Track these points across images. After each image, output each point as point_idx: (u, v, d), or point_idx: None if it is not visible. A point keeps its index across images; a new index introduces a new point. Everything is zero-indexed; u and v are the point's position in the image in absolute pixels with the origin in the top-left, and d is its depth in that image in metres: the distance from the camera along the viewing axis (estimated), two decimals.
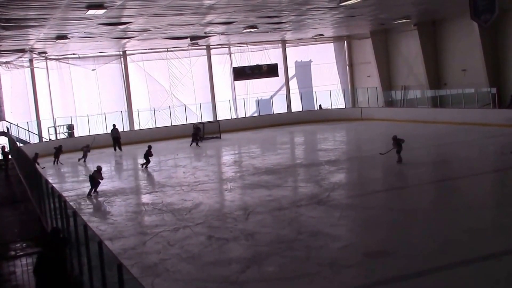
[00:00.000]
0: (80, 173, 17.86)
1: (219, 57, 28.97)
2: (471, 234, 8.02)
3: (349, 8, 17.57)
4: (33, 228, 10.03)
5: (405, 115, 24.86)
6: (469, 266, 6.79)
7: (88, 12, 13.64)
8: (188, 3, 14.03)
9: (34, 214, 10.56)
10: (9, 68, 23.83)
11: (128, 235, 9.54)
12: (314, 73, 30.95)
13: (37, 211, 10.23)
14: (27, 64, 25.04)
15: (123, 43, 23.22)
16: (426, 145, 17.43)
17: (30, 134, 24.54)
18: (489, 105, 21.28)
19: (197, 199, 11.93)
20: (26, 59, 24.54)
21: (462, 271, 6.67)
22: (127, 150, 22.79)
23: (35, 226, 9.94)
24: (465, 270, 6.72)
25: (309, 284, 6.69)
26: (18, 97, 24.51)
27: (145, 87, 27.60)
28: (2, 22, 13.91)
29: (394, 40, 27.92)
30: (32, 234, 9.68)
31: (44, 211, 9.34)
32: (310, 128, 25.29)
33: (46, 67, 25.49)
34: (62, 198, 7.31)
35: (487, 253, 7.15)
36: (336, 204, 10.56)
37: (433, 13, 22.80)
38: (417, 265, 6.92)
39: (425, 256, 7.24)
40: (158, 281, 7.12)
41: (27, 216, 11.12)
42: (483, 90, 21.76)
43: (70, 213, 6.47)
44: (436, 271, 6.66)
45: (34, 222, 10.14)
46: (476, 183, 11.80)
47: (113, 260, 4.30)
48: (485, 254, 7.09)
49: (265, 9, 16.56)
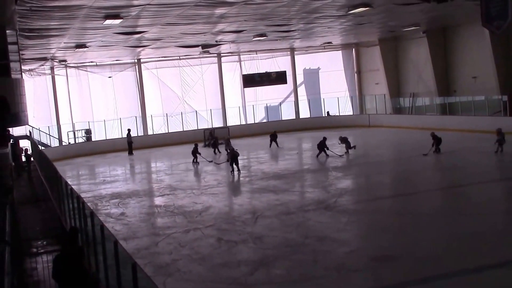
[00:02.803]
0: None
1: (229, 64, 29.42)
2: (478, 240, 8.04)
3: (358, 16, 17.75)
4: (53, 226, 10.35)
5: (413, 122, 24.82)
6: (477, 272, 6.77)
7: (105, 22, 14.18)
8: (200, 12, 14.47)
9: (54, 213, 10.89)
10: (32, 75, 24.71)
11: (141, 235, 9.86)
12: (322, 80, 31.18)
13: (57, 211, 10.56)
14: (49, 71, 25.97)
15: (138, 52, 23.83)
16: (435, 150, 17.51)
17: (51, 138, 25.40)
18: (500, 113, 21.01)
19: (207, 202, 12.22)
20: (48, 67, 25.47)
21: (470, 277, 6.68)
22: (141, 154, 23.26)
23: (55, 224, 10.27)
24: (473, 276, 6.71)
25: (316, 287, 6.79)
26: (40, 103, 25.32)
27: (158, 93, 28.23)
28: (25, 32, 14.48)
29: (403, 47, 27.96)
30: (53, 232, 10.01)
31: (64, 211, 9.59)
32: (318, 135, 25.40)
33: (66, 75, 26.39)
34: (81, 199, 7.51)
35: (494, 259, 7.15)
36: (343, 209, 10.66)
37: (442, 20, 22.68)
38: (423, 270, 6.95)
39: (432, 261, 7.24)
40: (169, 281, 7.35)
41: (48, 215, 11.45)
42: (494, 98, 21.53)
43: (88, 213, 6.68)
44: (443, 277, 6.68)
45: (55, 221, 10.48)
46: (485, 190, 11.77)
47: (128, 259, 4.39)
48: (493, 261, 7.10)
49: (274, 17, 16.89)
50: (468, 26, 22.89)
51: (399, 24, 22.03)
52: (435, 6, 12.86)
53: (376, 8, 16.24)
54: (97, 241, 6.16)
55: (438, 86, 25.28)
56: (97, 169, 20.06)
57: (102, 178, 17.91)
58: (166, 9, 13.53)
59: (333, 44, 29.20)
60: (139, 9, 13.19)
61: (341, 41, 28.96)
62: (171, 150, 22.35)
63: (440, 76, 25.34)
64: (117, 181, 17.06)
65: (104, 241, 5.69)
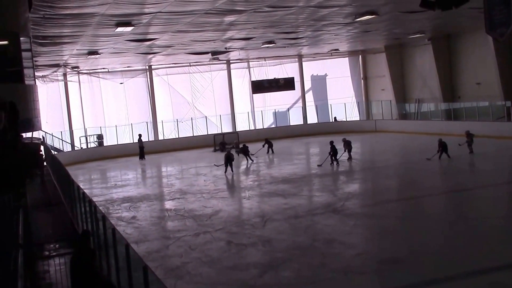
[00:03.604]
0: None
1: (238, 71, 29.72)
2: (485, 244, 8.07)
3: (364, 23, 17.95)
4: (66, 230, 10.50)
5: (418, 127, 24.90)
6: (484, 275, 6.78)
7: (117, 30, 14.45)
8: (210, 20, 14.70)
9: (66, 217, 11.05)
10: (45, 81, 25.15)
11: (152, 238, 9.99)
12: (330, 87, 31.34)
13: (69, 214, 10.74)
14: (61, 78, 26.43)
15: (148, 58, 24.17)
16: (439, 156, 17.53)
17: (63, 143, 25.84)
18: (503, 118, 21.10)
19: (217, 206, 12.35)
20: (60, 73, 25.92)
21: (477, 281, 6.69)
22: (152, 159, 23.52)
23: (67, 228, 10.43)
24: (480, 279, 6.71)
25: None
26: (53, 109, 25.73)
27: (169, 99, 28.57)
28: (38, 39, 14.79)
29: (409, 54, 28.08)
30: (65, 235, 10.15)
31: (76, 215, 9.68)
32: (325, 140, 25.46)
33: (78, 81, 26.85)
34: (92, 203, 7.57)
35: (502, 263, 7.17)
36: (350, 213, 10.73)
37: (447, 28, 22.88)
38: (430, 274, 6.96)
39: (439, 265, 7.25)
40: (180, 283, 7.43)
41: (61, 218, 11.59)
42: (498, 103, 21.63)
43: (100, 217, 6.74)
44: (450, 280, 6.72)
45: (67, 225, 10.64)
46: (490, 193, 11.78)
47: (139, 262, 4.43)
48: (500, 264, 7.11)
49: (282, 25, 17.08)
50: (472, 33, 22.99)
51: (404, 31, 22.18)
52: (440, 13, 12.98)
53: (382, 16, 16.39)
54: (109, 244, 6.22)
55: (443, 92, 25.38)
56: (109, 174, 20.34)
57: (113, 182, 18.17)
58: (176, 17, 13.76)
59: (340, 51, 29.36)
60: (150, 17, 13.45)
61: (348, 48, 29.11)
62: (181, 155, 22.57)
63: (444, 82, 25.44)
64: (128, 185, 17.29)
65: (115, 244, 5.75)
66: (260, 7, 13.52)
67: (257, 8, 13.55)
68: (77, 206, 9.40)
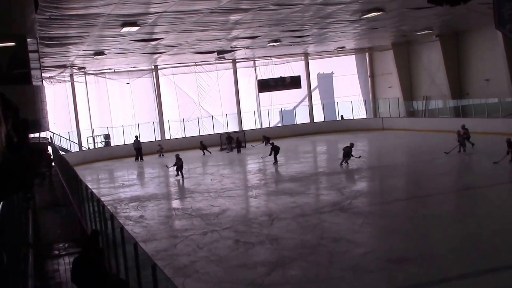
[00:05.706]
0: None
1: (244, 70, 29.73)
2: (493, 243, 8.04)
3: (371, 20, 17.83)
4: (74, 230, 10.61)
5: (426, 125, 24.76)
6: (491, 274, 6.77)
7: (123, 30, 14.51)
8: (216, 19, 14.70)
9: (75, 217, 11.16)
10: (52, 82, 25.37)
11: (160, 237, 10.06)
12: (336, 85, 31.22)
13: (78, 214, 10.83)
14: (68, 78, 26.64)
15: (154, 58, 24.25)
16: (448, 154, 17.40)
17: (71, 143, 26.04)
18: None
19: (224, 205, 12.39)
20: (67, 74, 26.14)
21: (485, 279, 6.68)
22: (158, 159, 23.55)
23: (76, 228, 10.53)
24: (488, 278, 6.71)
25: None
26: (60, 109, 25.96)
27: (175, 99, 28.67)
28: (45, 40, 14.90)
29: (416, 51, 27.88)
30: (74, 235, 10.25)
31: (84, 214, 9.81)
32: (332, 138, 25.48)
33: (85, 81, 27.05)
34: (101, 203, 7.64)
35: (510, 262, 7.16)
36: (358, 211, 10.70)
37: (455, 24, 22.64)
38: (438, 272, 6.97)
39: (447, 263, 7.31)
40: (188, 282, 7.48)
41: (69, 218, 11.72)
42: (507, 100, 21.43)
43: (108, 216, 6.83)
44: (458, 279, 6.72)
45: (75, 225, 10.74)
46: (499, 192, 11.72)
47: (148, 260, 4.48)
48: (508, 263, 7.09)
49: (288, 23, 17.04)
50: (481, 29, 22.76)
51: (412, 28, 22.01)
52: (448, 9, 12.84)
53: (389, 12, 16.26)
54: (117, 243, 6.28)
55: (451, 89, 25.15)
56: (116, 173, 20.45)
57: (121, 182, 18.27)
58: (182, 16, 13.78)
59: (347, 48, 29.23)
60: (155, 17, 13.48)
61: (355, 46, 28.98)
62: (188, 154, 22.59)
63: (453, 79, 25.21)
64: (135, 185, 17.40)
65: (124, 243, 5.80)
66: (266, 5, 13.49)
67: (263, 6, 13.53)
68: (86, 205, 9.47)
